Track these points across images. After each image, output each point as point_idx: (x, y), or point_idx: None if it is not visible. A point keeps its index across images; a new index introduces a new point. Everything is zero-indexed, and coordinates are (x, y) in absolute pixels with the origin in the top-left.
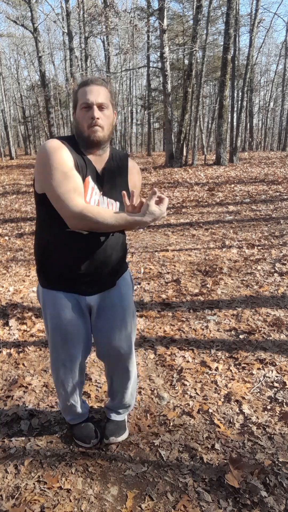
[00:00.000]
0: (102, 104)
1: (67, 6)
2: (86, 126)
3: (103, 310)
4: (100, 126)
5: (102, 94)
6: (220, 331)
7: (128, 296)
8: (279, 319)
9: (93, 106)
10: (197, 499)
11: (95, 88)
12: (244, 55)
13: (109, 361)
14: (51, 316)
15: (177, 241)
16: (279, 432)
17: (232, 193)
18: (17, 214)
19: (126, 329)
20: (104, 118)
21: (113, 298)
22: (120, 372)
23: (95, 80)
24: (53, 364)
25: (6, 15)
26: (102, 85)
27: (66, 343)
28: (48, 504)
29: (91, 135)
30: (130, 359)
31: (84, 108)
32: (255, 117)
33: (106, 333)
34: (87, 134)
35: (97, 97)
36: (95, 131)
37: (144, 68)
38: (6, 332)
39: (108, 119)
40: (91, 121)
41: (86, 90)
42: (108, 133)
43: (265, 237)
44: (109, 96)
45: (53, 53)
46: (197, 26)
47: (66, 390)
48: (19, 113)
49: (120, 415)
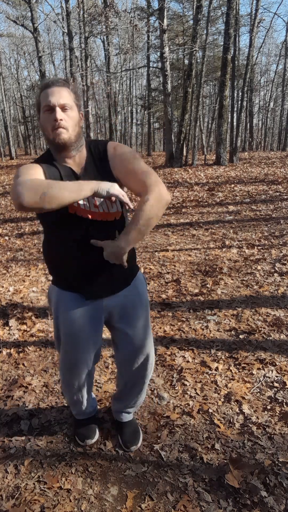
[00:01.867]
0: (65, 105)
1: (67, 6)
2: (50, 129)
3: (125, 312)
4: (64, 127)
5: (64, 95)
6: (220, 331)
7: (145, 294)
8: (279, 319)
9: (55, 108)
10: (197, 499)
11: (56, 90)
12: (244, 55)
13: (135, 363)
14: (64, 321)
15: (177, 241)
16: (279, 432)
17: (232, 193)
18: (17, 214)
19: (148, 328)
20: (68, 119)
21: (133, 299)
22: (141, 375)
23: (56, 81)
24: (61, 366)
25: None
26: (64, 86)
27: (77, 349)
28: (48, 504)
29: (55, 138)
30: (152, 357)
31: (47, 111)
32: (255, 117)
33: (131, 335)
34: (52, 137)
35: (59, 98)
36: (59, 134)
37: (144, 68)
38: (6, 332)
39: (72, 120)
40: (55, 123)
41: (47, 92)
42: (74, 134)
43: (265, 237)
44: (73, 96)
45: (53, 53)
46: (197, 26)
47: (72, 391)
48: (19, 113)
49: (130, 414)
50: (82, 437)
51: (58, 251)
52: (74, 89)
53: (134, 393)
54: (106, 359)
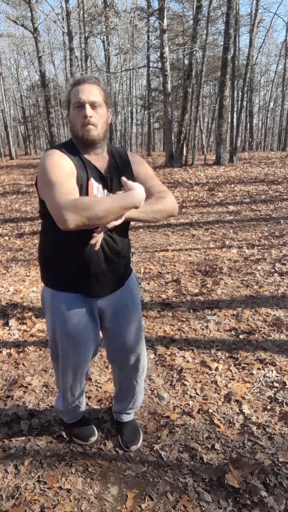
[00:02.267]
0: (95, 103)
1: (67, 6)
2: (79, 125)
3: (117, 312)
4: (94, 124)
5: (95, 92)
6: (220, 331)
7: (138, 296)
8: (279, 319)
9: (85, 105)
10: (197, 499)
11: (87, 87)
12: (244, 55)
13: (125, 362)
14: (62, 323)
15: (177, 241)
16: (279, 432)
17: (232, 193)
18: (17, 214)
19: (140, 329)
20: (98, 117)
21: (126, 299)
22: (134, 372)
23: (87, 79)
24: (62, 370)
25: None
26: (94, 83)
27: (77, 350)
28: (48, 504)
29: (85, 135)
30: (144, 358)
31: (77, 108)
32: (255, 117)
33: (122, 335)
34: (81, 133)
35: (89, 95)
36: (88, 130)
37: (144, 68)
38: (6, 332)
39: (101, 117)
40: (84, 120)
41: (78, 89)
42: (102, 132)
43: (265, 237)
44: (103, 94)
45: (53, 53)
46: (197, 26)
47: (74, 394)
48: (19, 113)
49: (130, 414)
50: (83, 437)
51: (59, 249)
52: (104, 88)
53: (129, 393)
54: (106, 359)
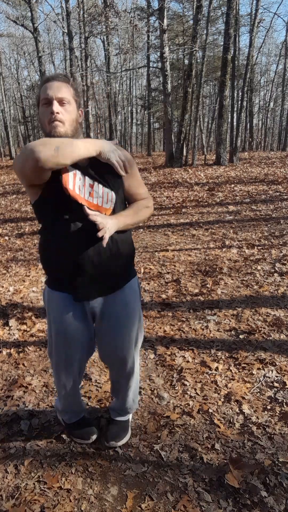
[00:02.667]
0: (63, 99)
1: (67, 6)
2: (47, 122)
3: (106, 316)
4: (61, 121)
5: (63, 89)
6: (220, 331)
7: (132, 304)
8: (279, 319)
9: (52, 101)
10: (197, 499)
11: (55, 84)
12: (244, 55)
13: (112, 365)
14: (55, 319)
15: (177, 241)
16: (279, 432)
17: (232, 193)
18: (17, 214)
19: (129, 338)
20: (65, 113)
21: (117, 305)
22: (121, 377)
23: (56, 76)
24: (54, 366)
25: (6, 15)
26: (64, 81)
27: (68, 347)
28: (48, 504)
29: (52, 131)
30: (132, 366)
31: (44, 104)
32: (255, 117)
33: (109, 340)
34: (49, 130)
35: (57, 92)
36: (55, 126)
37: (144, 68)
38: (6, 332)
39: (70, 114)
40: (51, 116)
41: (46, 86)
42: (71, 129)
43: (265, 237)
44: (72, 92)
45: (53, 53)
46: (197, 26)
47: (67, 391)
48: (19, 113)
49: (123, 416)
50: (84, 435)
51: (52, 248)
52: (75, 86)
53: (120, 394)
54: None
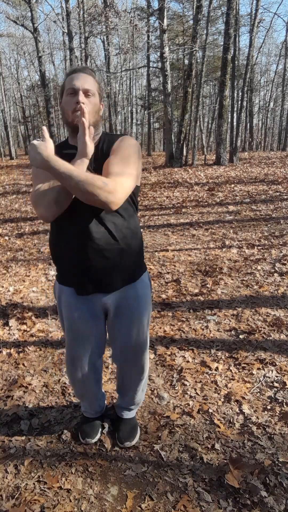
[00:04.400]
0: (88, 91)
1: (67, 6)
2: (70, 111)
3: (120, 310)
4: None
5: (89, 81)
6: (220, 331)
7: (145, 297)
8: (279, 319)
9: (78, 91)
10: (197, 499)
11: (82, 75)
12: (244, 55)
13: (125, 361)
14: (65, 315)
15: (177, 241)
16: (279, 432)
17: (232, 193)
18: (17, 214)
19: (143, 331)
20: (89, 104)
21: (130, 299)
22: (135, 372)
23: (83, 68)
24: (66, 359)
25: (6, 15)
26: (90, 74)
27: (76, 342)
28: (48, 504)
29: (75, 120)
30: (144, 358)
31: (70, 94)
32: (255, 117)
33: (123, 334)
34: (71, 119)
35: (84, 83)
36: (79, 116)
37: (144, 68)
38: (6, 332)
39: (93, 106)
40: (76, 105)
41: (73, 77)
42: (93, 120)
43: (265, 237)
44: (97, 86)
45: (53, 53)
46: (197, 26)
47: (77, 385)
48: (19, 113)
49: (132, 411)
50: (83, 435)
51: (59, 243)
52: (99, 81)
53: (130, 390)
54: (106, 359)
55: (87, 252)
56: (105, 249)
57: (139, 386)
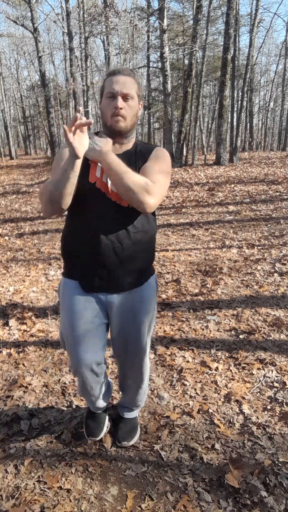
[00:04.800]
0: (127, 95)
1: (67, 6)
2: (109, 115)
3: (124, 311)
4: (123, 116)
5: (128, 84)
6: (220, 331)
7: (150, 300)
8: (279, 319)
9: (117, 96)
10: (197, 499)
11: (121, 78)
12: (244, 55)
13: (125, 361)
14: (65, 307)
15: (177, 241)
16: (279, 432)
17: (232, 193)
18: (17, 214)
19: (144, 333)
20: (128, 109)
21: (135, 301)
22: (134, 372)
23: (123, 70)
24: (68, 359)
25: (6, 15)
26: (129, 75)
27: (77, 341)
28: (48, 504)
29: (113, 125)
30: (145, 360)
31: (109, 98)
32: (255, 117)
33: (124, 334)
34: (110, 123)
35: (123, 87)
36: (117, 121)
37: (144, 68)
38: (6, 332)
39: (132, 110)
40: (114, 110)
41: (112, 80)
42: (130, 124)
43: (265, 237)
44: (136, 87)
45: (53, 53)
46: (197, 26)
47: (78, 378)
48: (19, 113)
49: (133, 411)
50: (88, 432)
51: (73, 236)
52: (138, 80)
53: (131, 390)
54: (106, 359)
55: (100, 248)
56: (119, 248)
57: (140, 387)
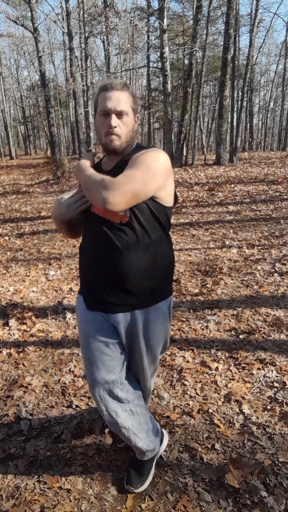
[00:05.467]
0: (121, 112)
1: (67, 6)
2: (103, 133)
3: (126, 336)
4: (118, 134)
5: (122, 100)
6: (220, 331)
7: (157, 331)
8: (279, 319)
9: (111, 114)
10: (197, 499)
11: (114, 94)
12: (244, 55)
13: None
14: (80, 328)
15: (177, 241)
16: (279, 432)
17: (232, 193)
18: (17, 214)
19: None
20: (123, 126)
21: (137, 328)
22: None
23: (115, 85)
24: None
25: (6, 15)
26: (122, 90)
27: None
28: (48, 504)
29: (107, 143)
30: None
31: (102, 115)
32: (255, 117)
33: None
34: (104, 141)
35: (116, 104)
36: (111, 140)
37: (144, 68)
38: (6, 332)
39: (127, 126)
40: (108, 129)
41: (105, 96)
42: (125, 141)
43: (265, 237)
44: (131, 100)
45: (53, 53)
46: (197, 26)
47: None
48: (19, 113)
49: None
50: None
51: (81, 251)
52: (133, 93)
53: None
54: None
55: (91, 265)
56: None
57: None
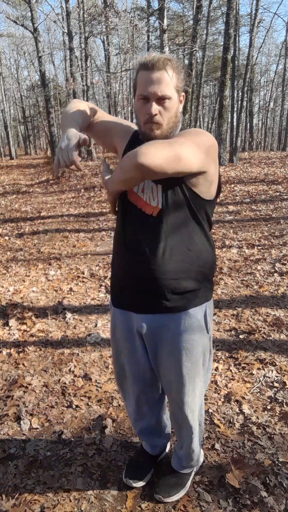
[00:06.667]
0: (164, 96)
1: (67, 6)
2: (142, 120)
3: (149, 342)
4: (158, 122)
5: (165, 83)
6: (220, 331)
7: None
8: (279, 319)
9: (151, 100)
10: (197, 499)
11: (156, 75)
12: (244, 55)
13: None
14: (111, 333)
15: None
16: (279, 432)
17: (232, 193)
18: (17, 214)
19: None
20: (164, 113)
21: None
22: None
23: (157, 62)
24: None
25: (6, 15)
26: (165, 68)
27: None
28: (48, 504)
29: (146, 132)
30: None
31: (141, 99)
32: (255, 117)
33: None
34: (143, 129)
35: (157, 89)
36: (151, 129)
37: None
38: (6, 332)
39: (169, 112)
40: (148, 117)
41: (145, 78)
42: (168, 127)
43: (265, 237)
44: (175, 80)
45: (53, 53)
46: (197, 26)
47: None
48: (19, 113)
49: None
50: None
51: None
52: (178, 70)
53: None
54: (106, 359)
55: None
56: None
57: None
